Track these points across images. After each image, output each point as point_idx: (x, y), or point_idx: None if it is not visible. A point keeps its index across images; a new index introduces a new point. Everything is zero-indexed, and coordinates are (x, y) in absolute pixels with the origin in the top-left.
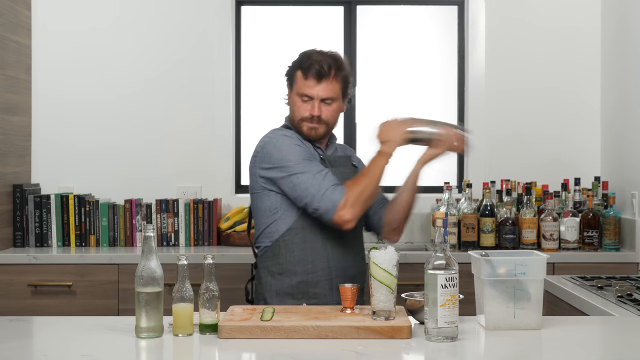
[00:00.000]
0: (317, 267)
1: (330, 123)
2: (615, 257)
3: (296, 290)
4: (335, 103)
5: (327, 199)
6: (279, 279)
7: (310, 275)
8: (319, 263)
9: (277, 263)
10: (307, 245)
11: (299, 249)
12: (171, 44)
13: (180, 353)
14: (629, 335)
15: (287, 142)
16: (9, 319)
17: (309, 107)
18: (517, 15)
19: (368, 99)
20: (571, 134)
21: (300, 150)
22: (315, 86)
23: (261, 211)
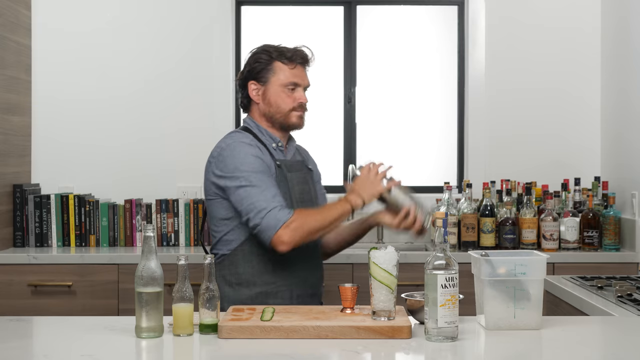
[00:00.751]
0: (277, 277)
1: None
2: (615, 257)
3: (254, 301)
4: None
5: (271, 217)
6: (236, 289)
7: (270, 285)
8: (279, 273)
9: (235, 273)
10: (267, 256)
11: (258, 259)
12: (171, 43)
13: (180, 353)
14: (629, 335)
15: (245, 151)
16: (9, 319)
17: (296, 96)
18: (517, 15)
19: (368, 99)
20: (571, 134)
21: (257, 162)
22: (302, 74)
23: (216, 219)
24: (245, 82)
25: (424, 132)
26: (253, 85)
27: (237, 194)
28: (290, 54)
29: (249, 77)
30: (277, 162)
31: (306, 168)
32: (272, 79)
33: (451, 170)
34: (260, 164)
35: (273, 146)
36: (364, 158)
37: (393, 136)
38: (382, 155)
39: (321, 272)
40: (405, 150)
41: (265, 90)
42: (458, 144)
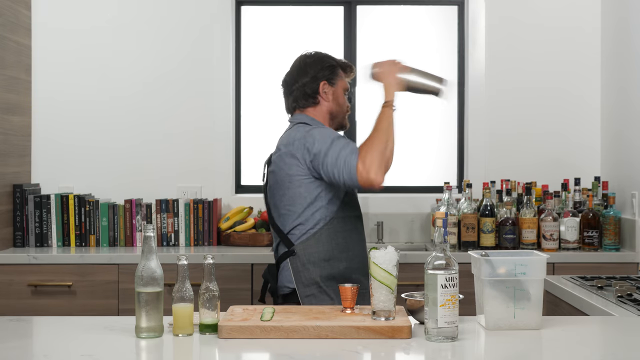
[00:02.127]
0: (355, 254)
1: None
2: (615, 257)
3: (342, 276)
4: None
5: (346, 168)
6: (324, 266)
7: (351, 261)
8: (356, 251)
9: (323, 250)
10: (346, 234)
11: (342, 236)
12: (171, 44)
13: (180, 353)
14: (629, 335)
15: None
16: (9, 319)
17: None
18: (517, 15)
19: (368, 99)
20: (571, 133)
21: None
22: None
23: (302, 197)
24: (316, 81)
25: (424, 132)
26: (325, 85)
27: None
28: (344, 65)
29: (322, 77)
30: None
31: None
32: (339, 83)
33: (451, 170)
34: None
35: None
36: None
37: None
38: None
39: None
40: (405, 150)
41: (335, 91)
42: (458, 144)
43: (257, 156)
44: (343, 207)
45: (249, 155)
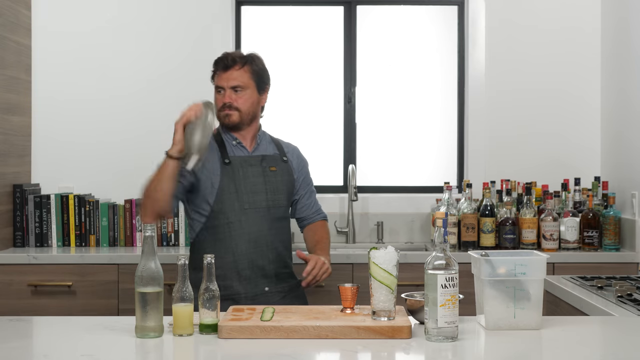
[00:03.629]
0: (223, 262)
1: (242, 110)
2: (615, 257)
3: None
4: (246, 92)
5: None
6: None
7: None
8: (226, 258)
9: (197, 259)
10: (216, 244)
11: (210, 247)
12: (171, 44)
13: (180, 353)
14: (629, 335)
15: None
16: (9, 319)
17: (221, 98)
18: (517, 15)
19: (368, 99)
20: (571, 134)
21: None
22: (223, 76)
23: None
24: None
25: (424, 132)
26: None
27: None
28: (217, 61)
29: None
30: (226, 160)
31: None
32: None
33: (451, 170)
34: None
35: (233, 143)
36: (363, 158)
37: (393, 136)
38: (382, 155)
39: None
40: (405, 150)
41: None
42: (458, 144)
43: None
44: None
45: None
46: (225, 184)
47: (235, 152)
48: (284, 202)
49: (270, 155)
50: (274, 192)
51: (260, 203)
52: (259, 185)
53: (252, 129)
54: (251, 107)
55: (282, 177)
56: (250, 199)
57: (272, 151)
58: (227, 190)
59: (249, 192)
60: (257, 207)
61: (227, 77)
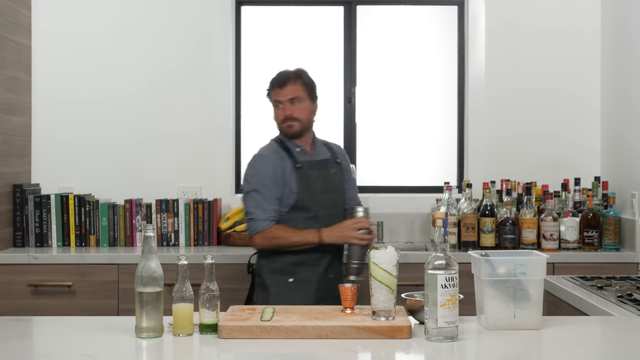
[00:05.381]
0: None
1: (302, 119)
2: (615, 257)
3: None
4: (302, 102)
5: (251, 224)
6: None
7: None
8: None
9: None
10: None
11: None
12: (171, 44)
13: (180, 353)
14: (629, 335)
15: (263, 163)
16: (9, 319)
17: (281, 111)
18: (517, 15)
19: (368, 99)
20: (571, 134)
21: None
22: (281, 92)
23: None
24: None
25: (424, 132)
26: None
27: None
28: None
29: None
30: (298, 165)
31: (334, 163)
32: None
33: (451, 170)
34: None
35: (297, 150)
36: (363, 158)
37: (393, 136)
38: (382, 155)
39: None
40: (405, 150)
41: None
42: (458, 144)
43: None
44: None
45: (249, 156)
46: (303, 186)
47: (301, 157)
48: (341, 200)
49: (328, 159)
50: (335, 190)
51: (330, 201)
52: (326, 186)
53: (310, 135)
54: (309, 116)
55: (339, 178)
56: (324, 196)
57: (328, 154)
58: (306, 190)
59: (321, 192)
60: (329, 206)
61: (285, 92)
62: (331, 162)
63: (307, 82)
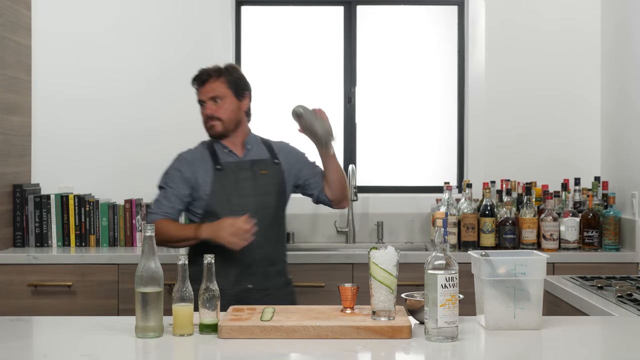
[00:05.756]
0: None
1: (224, 119)
2: (615, 257)
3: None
4: (225, 101)
5: (146, 218)
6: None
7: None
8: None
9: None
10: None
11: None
12: (171, 44)
13: (180, 353)
14: (629, 335)
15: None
16: (9, 319)
17: (204, 111)
18: (517, 15)
19: (368, 99)
20: (571, 134)
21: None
22: (202, 90)
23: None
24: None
25: (424, 132)
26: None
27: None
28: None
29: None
30: (218, 167)
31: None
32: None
33: (451, 170)
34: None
35: (225, 151)
36: (363, 158)
37: (393, 136)
38: (382, 155)
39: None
40: (405, 150)
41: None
42: (458, 144)
43: None
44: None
45: None
46: (217, 189)
47: (226, 159)
48: (273, 203)
49: (261, 159)
50: (263, 194)
51: (248, 205)
52: (249, 189)
53: (239, 135)
54: (232, 115)
55: (272, 179)
56: (239, 201)
57: (263, 155)
58: (219, 194)
59: (238, 195)
60: (246, 209)
61: (205, 90)
62: (264, 162)
63: (231, 79)
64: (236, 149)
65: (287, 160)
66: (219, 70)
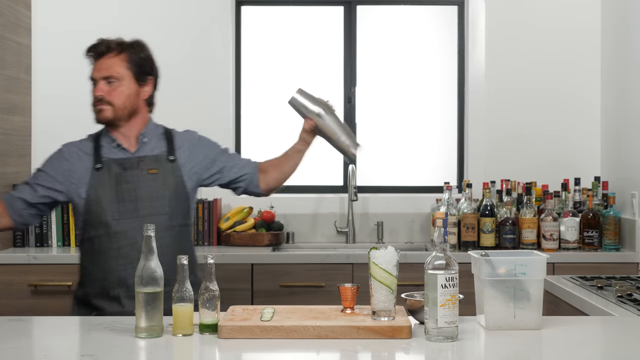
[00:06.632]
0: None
1: (117, 105)
2: (615, 257)
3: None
4: (122, 84)
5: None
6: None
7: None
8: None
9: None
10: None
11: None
12: (171, 44)
13: (180, 353)
14: (629, 335)
15: (51, 158)
16: (9, 319)
17: (94, 90)
18: (518, 15)
19: (368, 99)
20: (571, 134)
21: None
22: (96, 66)
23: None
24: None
25: (424, 132)
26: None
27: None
28: (89, 48)
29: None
30: (97, 165)
31: (163, 160)
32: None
33: (451, 170)
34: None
35: (113, 145)
36: (363, 158)
37: (393, 136)
38: (382, 155)
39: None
40: (405, 150)
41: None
42: (458, 144)
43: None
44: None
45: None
46: (93, 193)
47: (111, 155)
48: (166, 208)
49: (153, 156)
50: (151, 198)
51: (133, 212)
52: (132, 192)
53: (133, 126)
54: (127, 101)
55: (164, 181)
56: (121, 208)
57: (159, 150)
58: (96, 199)
59: (119, 201)
60: (130, 217)
61: (100, 67)
62: (155, 159)
63: (134, 58)
64: (128, 143)
65: (192, 155)
66: (121, 45)
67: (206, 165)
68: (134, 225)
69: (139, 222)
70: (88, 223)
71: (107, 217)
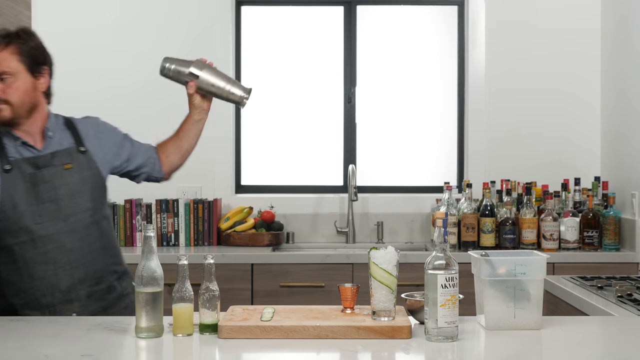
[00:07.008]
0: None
1: (14, 102)
2: (615, 257)
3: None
4: (16, 78)
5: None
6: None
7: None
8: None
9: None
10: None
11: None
12: (171, 44)
13: (180, 353)
14: (629, 335)
15: None
16: (9, 319)
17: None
18: (518, 15)
19: (368, 99)
20: (571, 134)
21: None
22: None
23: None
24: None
25: (424, 132)
26: None
27: None
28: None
29: None
30: (6, 167)
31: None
32: None
33: (451, 170)
34: None
35: (18, 144)
36: (363, 158)
37: (393, 136)
38: (382, 155)
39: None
40: (405, 150)
41: None
42: (458, 144)
43: (257, 156)
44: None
45: (249, 155)
46: (7, 198)
47: (19, 155)
48: (88, 204)
49: (64, 149)
50: (72, 195)
51: (55, 213)
52: (51, 192)
53: (36, 121)
54: (25, 96)
55: (81, 175)
56: (42, 210)
57: (67, 143)
58: (12, 203)
59: (40, 202)
60: (53, 219)
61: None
62: (67, 153)
63: (25, 49)
64: (33, 140)
65: (100, 142)
66: (7, 36)
67: (115, 152)
68: (58, 227)
69: (62, 223)
70: (4, 230)
71: (27, 221)
